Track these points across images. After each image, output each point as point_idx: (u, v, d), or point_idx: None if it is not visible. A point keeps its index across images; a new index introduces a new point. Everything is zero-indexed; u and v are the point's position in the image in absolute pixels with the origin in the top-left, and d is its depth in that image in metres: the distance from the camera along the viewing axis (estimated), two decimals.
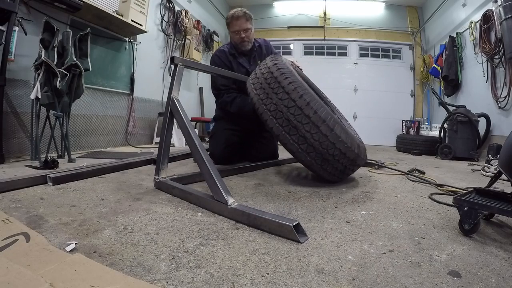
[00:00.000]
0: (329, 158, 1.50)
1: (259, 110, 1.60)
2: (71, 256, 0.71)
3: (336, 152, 1.48)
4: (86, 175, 1.62)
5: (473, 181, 2.02)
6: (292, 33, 6.44)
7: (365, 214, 1.17)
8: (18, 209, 1.06)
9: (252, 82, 1.71)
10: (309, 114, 1.44)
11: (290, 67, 1.68)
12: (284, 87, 1.50)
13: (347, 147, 1.50)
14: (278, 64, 1.64)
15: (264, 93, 1.58)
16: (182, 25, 4.35)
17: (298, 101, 1.46)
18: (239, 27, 2.23)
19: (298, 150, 1.51)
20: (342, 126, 1.52)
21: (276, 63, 1.64)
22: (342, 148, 1.48)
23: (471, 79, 4.25)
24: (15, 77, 2.25)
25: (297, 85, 1.50)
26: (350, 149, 1.51)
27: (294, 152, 1.55)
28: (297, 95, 1.47)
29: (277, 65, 1.63)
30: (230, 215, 1.06)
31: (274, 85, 1.54)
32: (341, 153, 1.50)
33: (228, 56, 2.34)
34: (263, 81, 1.61)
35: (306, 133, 1.45)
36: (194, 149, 1.30)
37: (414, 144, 4.29)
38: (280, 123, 1.51)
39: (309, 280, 0.66)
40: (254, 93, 1.64)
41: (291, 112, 1.46)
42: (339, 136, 1.46)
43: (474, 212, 0.93)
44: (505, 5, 3.05)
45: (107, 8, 2.90)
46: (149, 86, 4.03)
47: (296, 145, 1.50)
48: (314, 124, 1.43)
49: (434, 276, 0.69)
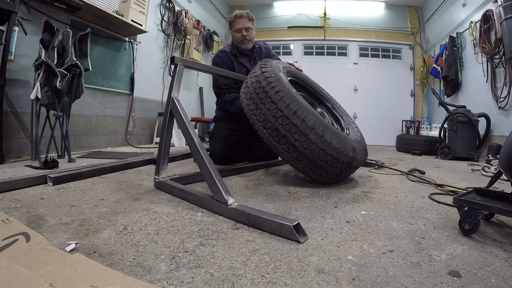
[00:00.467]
0: (322, 164, 1.50)
1: (250, 121, 1.61)
2: (71, 256, 0.71)
3: (328, 158, 1.47)
4: (86, 175, 1.62)
5: (473, 181, 2.02)
6: (292, 33, 6.44)
7: (365, 214, 1.17)
8: (18, 209, 1.06)
9: (243, 92, 1.71)
10: (297, 123, 1.44)
11: (278, 73, 1.67)
12: (271, 97, 1.51)
13: (339, 152, 1.48)
14: (266, 72, 1.63)
15: (254, 103, 1.58)
16: (182, 25, 4.35)
17: (285, 110, 1.46)
18: (241, 25, 2.30)
19: (290, 158, 1.52)
20: (333, 131, 1.51)
21: (264, 71, 1.64)
22: (334, 153, 1.47)
23: (471, 79, 4.25)
24: (15, 77, 2.25)
25: (284, 94, 1.50)
26: (343, 154, 1.49)
27: (287, 160, 1.57)
28: (284, 104, 1.47)
29: (265, 73, 1.62)
30: (230, 215, 1.06)
31: (262, 95, 1.55)
32: (333, 159, 1.48)
33: (229, 56, 2.38)
34: (252, 91, 1.61)
35: (296, 142, 1.45)
36: (194, 149, 1.30)
37: (414, 144, 4.29)
38: (270, 133, 1.52)
39: (309, 280, 0.66)
40: (245, 103, 1.65)
41: (279, 122, 1.47)
42: (330, 143, 1.45)
43: (474, 212, 0.93)
44: (505, 5, 3.05)
45: (107, 8, 2.90)
46: (149, 86, 4.03)
47: (287, 154, 1.51)
48: (303, 133, 1.44)
49: (434, 276, 0.69)
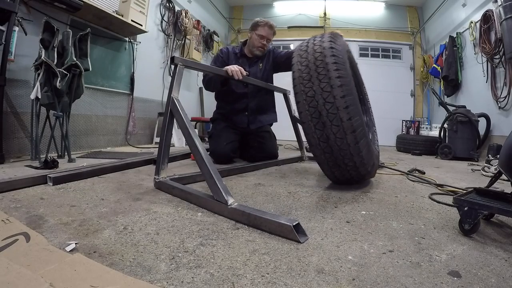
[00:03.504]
0: (341, 165, 1.45)
1: (295, 89, 1.45)
2: (71, 256, 0.71)
3: (351, 163, 1.42)
4: (86, 175, 1.62)
5: (473, 181, 2.02)
6: (292, 33, 6.43)
7: (365, 214, 1.17)
8: (18, 209, 1.06)
9: (299, 54, 1.52)
10: (343, 119, 1.33)
11: (345, 56, 1.52)
12: (330, 78, 1.35)
13: (362, 163, 1.43)
14: (335, 50, 1.44)
15: (308, 74, 1.41)
16: (182, 25, 4.35)
17: (338, 100, 1.33)
18: (267, 34, 2.33)
19: (317, 145, 1.43)
20: (367, 141, 1.44)
21: (332, 47, 1.45)
22: (357, 162, 1.41)
23: (471, 79, 4.25)
24: (15, 77, 2.25)
25: (344, 83, 1.36)
26: (364, 166, 1.45)
27: (312, 145, 1.46)
28: (340, 93, 1.34)
29: (333, 50, 1.44)
30: (230, 215, 1.06)
31: (321, 71, 1.38)
32: (354, 167, 1.44)
33: (229, 54, 2.39)
34: (311, 60, 1.43)
35: (331, 134, 1.36)
36: (194, 149, 1.30)
37: (414, 144, 4.29)
38: (310, 112, 1.39)
39: (309, 280, 0.66)
40: (297, 68, 1.47)
41: (326, 107, 1.35)
42: (360, 151, 1.38)
43: (474, 212, 0.93)
44: (505, 5, 3.05)
45: (107, 8, 2.90)
46: (149, 86, 4.02)
47: (316, 140, 1.41)
48: (343, 130, 1.34)
49: (434, 276, 0.69)
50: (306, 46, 1.55)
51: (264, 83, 2.42)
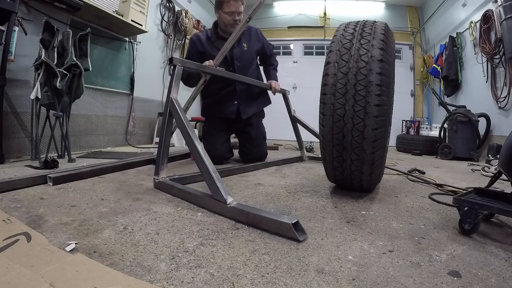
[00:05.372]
0: (346, 169, 1.34)
1: (324, 98, 1.27)
2: (73, 256, 0.71)
3: (357, 171, 1.31)
4: (86, 175, 1.62)
5: (473, 181, 2.02)
6: (292, 33, 6.44)
7: (365, 214, 1.17)
8: (18, 209, 1.06)
9: (339, 51, 1.28)
10: (366, 151, 1.21)
11: (393, 71, 1.37)
12: (368, 104, 1.17)
13: (369, 175, 1.31)
14: (384, 63, 1.21)
15: (344, 86, 1.22)
16: (182, 25, 4.35)
17: (368, 131, 1.19)
18: (235, 8, 2.16)
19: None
20: (383, 153, 1.34)
21: (382, 60, 1.20)
22: (365, 171, 1.29)
23: (471, 79, 4.25)
24: (15, 77, 2.25)
25: (381, 113, 1.18)
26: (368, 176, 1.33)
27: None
28: (373, 125, 1.18)
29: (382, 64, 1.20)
30: (229, 214, 1.06)
31: (360, 90, 1.19)
32: (360, 175, 1.32)
33: (203, 42, 2.27)
34: (353, 68, 1.23)
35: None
36: (193, 149, 1.30)
37: (414, 144, 4.29)
38: (334, 132, 1.25)
39: (309, 280, 0.66)
40: (332, 72, 1.26)
41: (353, 134, 1.21)
42: (373, 163, 1.25)
43: (474, 212, 0.93)
44: (505, 5, 3.04)
45: (107, 8, 2.90)
46: (149, 86, 4.03)
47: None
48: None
49: (434, 276, 0.69)
50: (350, 43, 1.28)
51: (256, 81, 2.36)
